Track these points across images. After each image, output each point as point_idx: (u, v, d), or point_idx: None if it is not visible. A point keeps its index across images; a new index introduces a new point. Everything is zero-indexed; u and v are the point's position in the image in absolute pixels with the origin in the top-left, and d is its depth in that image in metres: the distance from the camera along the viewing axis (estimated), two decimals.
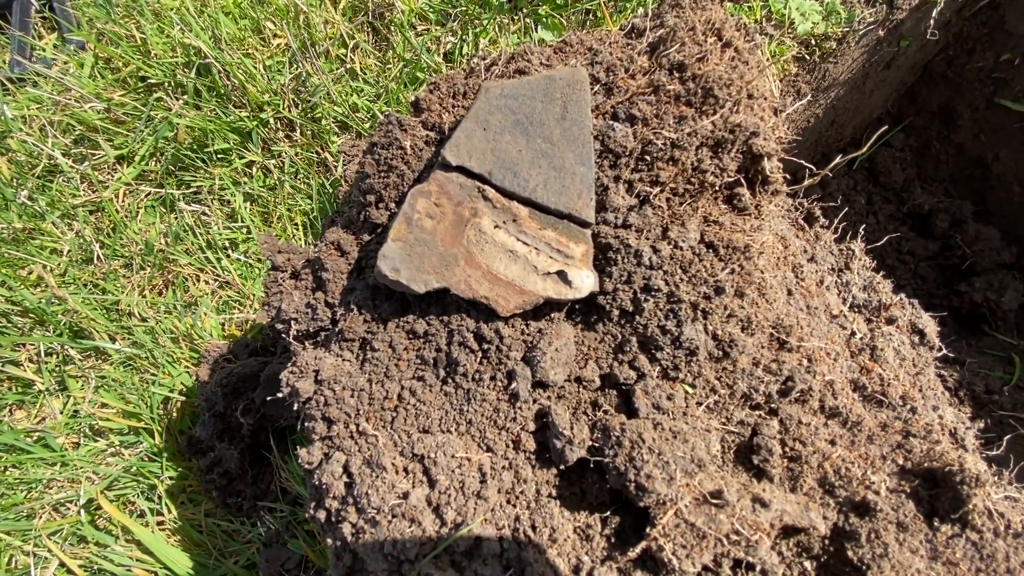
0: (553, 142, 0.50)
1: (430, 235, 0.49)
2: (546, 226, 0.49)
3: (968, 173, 1.37)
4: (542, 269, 0.48)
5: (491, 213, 0.48)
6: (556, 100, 0.50)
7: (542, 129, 0.50)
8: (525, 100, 0.51)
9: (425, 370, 0.55)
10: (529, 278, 0.49)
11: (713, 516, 0.49)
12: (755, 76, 0.57)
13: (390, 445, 0.54)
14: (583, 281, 0.49)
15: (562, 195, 0.49)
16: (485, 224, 0.48)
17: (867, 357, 0.66)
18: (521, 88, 0.51)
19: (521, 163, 0.50)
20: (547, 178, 0.49)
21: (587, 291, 0.50)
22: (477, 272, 0.48)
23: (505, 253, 0.48)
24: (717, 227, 0.56)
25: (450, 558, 0.50)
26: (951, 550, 0.52)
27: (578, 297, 0.50)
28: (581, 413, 0.55)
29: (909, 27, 1.17)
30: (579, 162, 0.49)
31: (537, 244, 0.48)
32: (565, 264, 0.49)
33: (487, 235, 0.48)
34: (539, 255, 0.48)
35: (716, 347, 0.56)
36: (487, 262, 0.48)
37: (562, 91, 0.50)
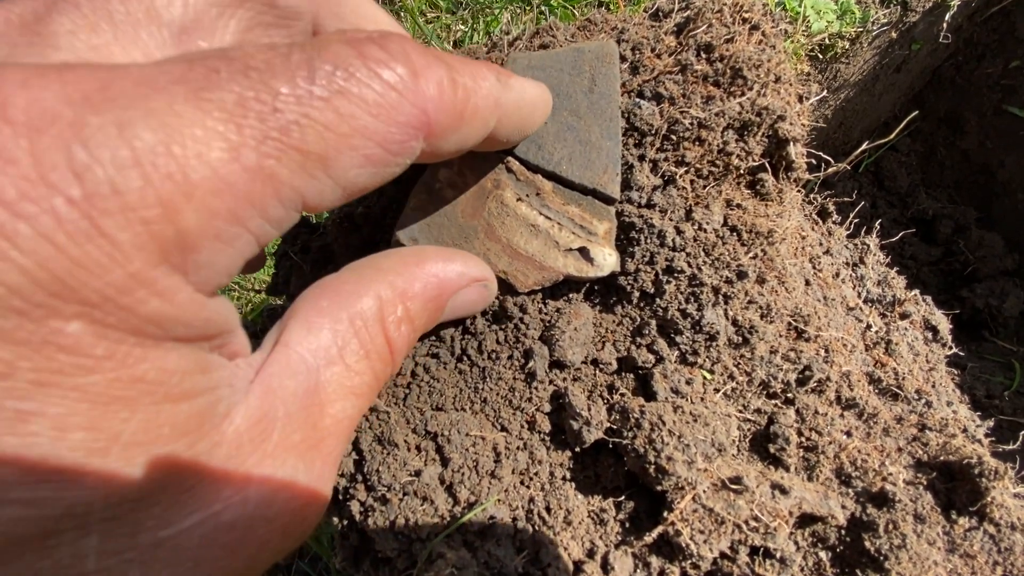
0: (580, 115, 0.48)
1: (451, 206, 0.47)
2: (569, 201, 0.47)
3: (973, 179, 1.38)
4: (564, 245, 0.46)
5: (514, 185, 0.46)
6: (584, 73, 0.49)
7: (569, 102, 0.48)
8: (552, 72, 0.49)
9: (440, 347, 0.54)
10: (550, 254, 0.47)
11: (732, 502, 0.49)
12: (782, 60, 0.56)
13: (402, 422, 0.52)
14: (605, 259, 0.46)
15: (587, 169, 0.47)
16: (507, 196, 0.46)
17: (882, 351, 0.66)
18: (548, 60, 0.50)
19: (546, 136, 0.48)
20: (572, 152, 0.47)
21: (608, 270, 0.48)
22: (497, 246, 0.46)
23: (527, 227, 0.46)
24: (740, 211, 0.56)
25: (462, 538, 0.49)
26: (968, 542, 0.51)
27: (599, 276, 0.47)
28: (597, 395, 0.54)
29: (921, 30, 1.17)
30: (605, 136, 0.47)
31: (560, 219, 0.46)
32: (588, 241, 0.46)
33: (509, 208, 0.46)
34: (561, 230, 0.46)
35: (736, 333, 0.55)
36: (507, 235, 0.46)
37: (590, 64, 0.49)
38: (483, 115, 0.32)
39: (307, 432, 0.28)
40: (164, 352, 0.22)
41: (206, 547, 0.24)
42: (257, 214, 0.23)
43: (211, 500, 0.24)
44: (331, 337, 0.30)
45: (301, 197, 0.24)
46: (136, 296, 0.20)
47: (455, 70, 0.29)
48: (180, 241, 0.21)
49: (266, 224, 0.24)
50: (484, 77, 0.31)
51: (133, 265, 0.20)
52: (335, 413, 0.29)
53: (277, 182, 0.23)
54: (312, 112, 0.23)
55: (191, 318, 0.23)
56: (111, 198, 0.19)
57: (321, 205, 0.26)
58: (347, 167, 0.25)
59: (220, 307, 0.25)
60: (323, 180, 0.25)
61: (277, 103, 0.23)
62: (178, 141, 0.20)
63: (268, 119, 0.22)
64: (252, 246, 0.24)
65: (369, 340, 0.31)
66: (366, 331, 0.31)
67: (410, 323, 0.33)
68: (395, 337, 0.32)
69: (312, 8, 0.35)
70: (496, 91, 0.32)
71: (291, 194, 0.24)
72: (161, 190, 0.20)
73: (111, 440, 0.21)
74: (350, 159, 0.25)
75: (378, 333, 0.31)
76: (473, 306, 0.43)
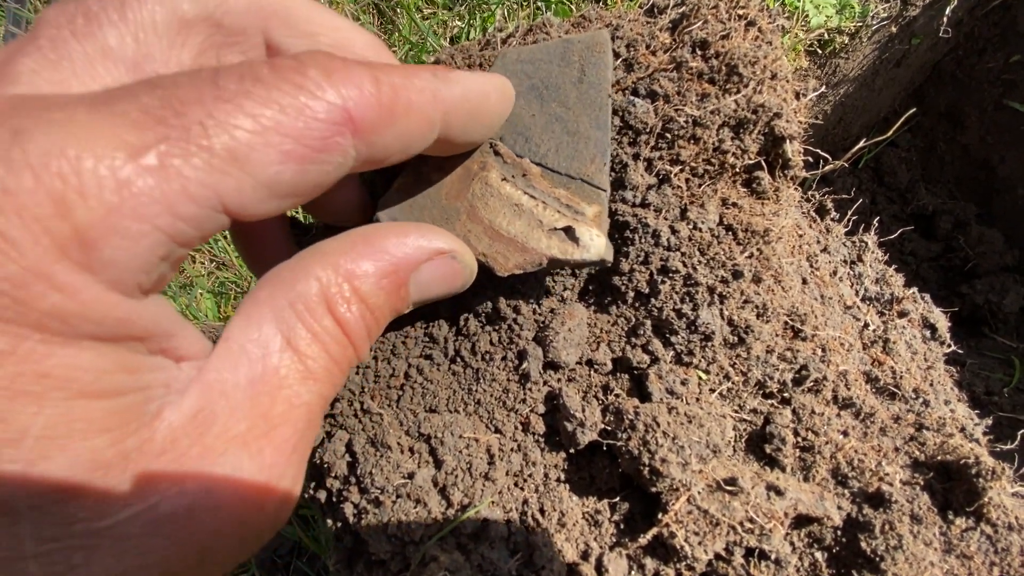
0: (568, 106, 0.46)
1: (435, 187, 0.45)
2: (558, 185, 0.45)
3: (973, 175, 1.37)
4: (548, 224, 0.43)
5: (500, 167, 0.44)
6: (574, 64, 0.47)
7: (557, 93, 0.47)
8: (542, 64, 0.48)
9: (433, 348, 0.53)
10: (533, 235, 0.44)
11: (727, 503, 0.48)
12: (779, 56, 0.56)
13: (395, 424, 0.52)
14: (591, 240, 0.42)
15: (574, 160, 0.45)
16: (492, 177, 0.44)
17: (880, 349, 0.65)
18: (538, 53, 0.48)
19: (534, 128, 0.46)
20: (559, 143, 0.45)
21: (596, 253, 0.43)
22: (478, 227, 0.44)
23: (510, 207, 0.44)
24: (736, 210, 0.55)
25: (456, 540, 0.49)
26: (965, 543, 0.51)
27: (586, 259, 0.42)
28: (592, 396, 0.54)
29: (922, 24, 1.16)
30: (594, 126, 0.46)
31: (546, 199, 0.44)
32: (574, 220, 0.43)
33: (493, 188, 0.44)
34: (546, 209, 0.43)
35: (731, 333, 0.55)
36: (490, 216, 0.44)
37: (580, 54, 0.47)
38: (421, 110, 0.31)
39: (253, 422, 0.27)
40: (77, 350, 0.23)
41: (149, 536, 0.25)
42: (164, 211, 0.23)
43: (147, 493, 0.25)
44: (274, 325, 0.29)
45: (216, 195, 0.25)
46: (33, 291, 0.21)
47: (380, 70, 0.29)
48: (78, 237, 0.21)
49: (179, 222, 0.24)
50: (416, 75, 0.32)
51: (27, 259, 0.20)
52: (288, 398, 0.29)
53: (183, 179, 0.23)
54: (217, 112, 0.24)
55: (101, 316, 0.23)
56: (2, 197, 0.20)
57: (250, 205, 0.26)
58: (264, 164, 0.25)
59: (148, 308, 0.25)
60: (239, 177, 0.25)
61: (181, 108, 0.24)
62: (74, 145, 0.21)
63: (171, 122, 0.23)
64: (166, 244, 0.24)
65: (315, 323, 0.30)
66: (310, 315, 0.30)
67: (362, 303, 0.31)
68: (347, 319, 0.31)
69: (260, 23, 0.35)
70: (433, 85, 0.32)
71: (202, 191, 0.24)
72: (52, 189, 0.21)
73: (21, 432, 0.21)
74: (265, 156, 0.25)
75: (324, 315, 0.30)
76: (446, 282, 0.39)
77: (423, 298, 0.37)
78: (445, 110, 0.33)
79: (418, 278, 0.35)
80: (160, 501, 0.25)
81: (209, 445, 0.26)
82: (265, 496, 0.28)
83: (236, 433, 0.27)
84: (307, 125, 0.26)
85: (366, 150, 0.29)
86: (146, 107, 0.23)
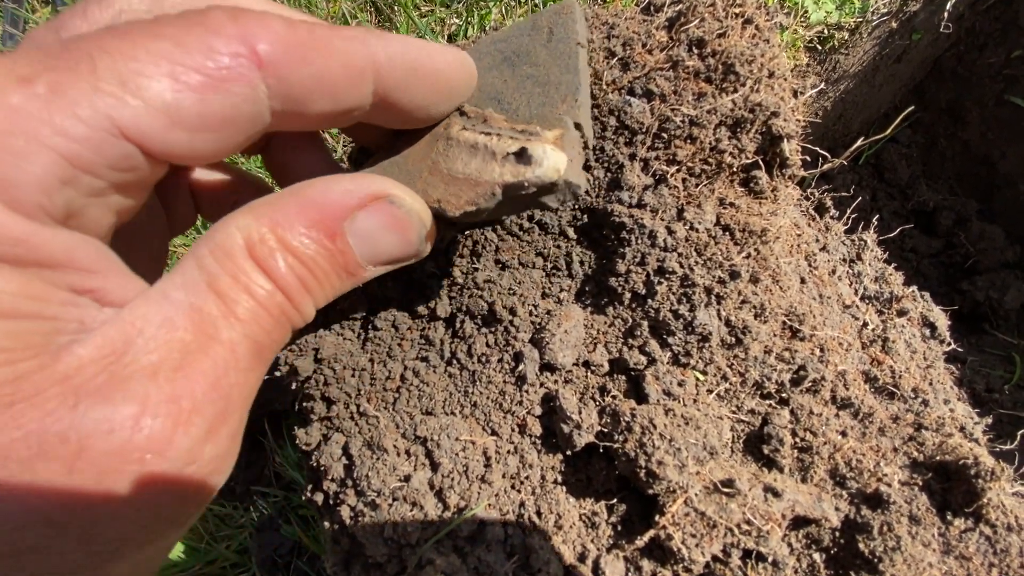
0: (539, 64, 0.45)
1: (402, 156, 0.43)
2: (519, 123, 0.42)
3: (974, 171, 1.37)
4: (500, 152, 0.40)
5: (462, 121, 0.42)
6: (542, 29, 0.46)
7: (528, 57, 0.45)
8: (513, 39, 0.47)
9: (429, 350, 0.53)
10: (486, 168, 0.40)
11: (724, 505, 0.48)
12: (776, 54, 0.55)
13: (392, 427, 0.52)
14: (544, 154, 0.37)
15: (544, 105, 0.43)
16: (454, 131, 0.42)
17: (879, 349, 0.65)
18: (509, 31, 0.48)
19: (506, 91, 0.44)
20: (531, 95, 0.43)
21: (551, 168, 0.37)
22: (435, 178, 0.42)
23: (467, 150, 0.41)
24: (733, 210, 0.55)
25: (452, 543, 0.48)
26: (964, 544, 0.51)
27: (541, 177, 0.37)
28: (589, 398, 0.54)
29: (922, 19, 1.15)
30: (564, 71, 0.44)
31: (501, 131, 0.41)
32: (528, 141, 0.39)
33: (453, 139, 0.42)
34: (500, 139, 0.40)
35: (729, 333, 0.55)
36: (448, 166, 0.41)
37: (548, 20, 0.47)
38: (345, 54, 0.31)
39: (167, 354, 0.27)
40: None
41: (42, 459, 0.24)
42: (53, 132, 0.24)
43: (39, 415, 0.24)
44: (196, 272, 0.29)
45: (108, 118, 0.25)
46: None
47: (300, 20, 0.30)
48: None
49: (71, 143, 0.25)
50: (347, 28, 0.32)
51: None
52: (207, 333, 0.28)
53: (71, 103, 0.25)
54: (107, 46, 0.25)
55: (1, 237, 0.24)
56: None
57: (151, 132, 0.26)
58: (158, 91, 0.26)
59: (60, 237, 0.26)
60: (132, 103, 0.26)
61: (71, 44, 0.25)
62: None
63: (59, 56, 0.25)
64: (62, 165, 0.25)
65: (239, 270, 0.29)
66: (230, 260, 0.29)
67: (288, 252, 0.30)
68: (272, 265, 0.30)
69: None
70: (363, 36, 0.32)
71: (91, 113, 0.25)
72: None
73: None
74: (159, 83, 0.26)
75: (246, 260, 0.29)
76: (393, 233, 0.35)
77: (376, 254, 0.35)
78: (378, 62, 0.33)
79: (356, 228, 0.33)
80: (52, 423, 0.24)
81: (115, 373, 0.26)
82: (175, 427, 0.26)
83: (146, 363, 0.26)
84: (206, 56, 0.27)
85: (278, 86, 0.29)
86: (47, 49, 0.25)
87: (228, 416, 0.29)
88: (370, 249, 0.34)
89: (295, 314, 0.31)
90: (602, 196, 0.53)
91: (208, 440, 0.28)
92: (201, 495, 0.29)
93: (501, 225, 0.55)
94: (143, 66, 0.26)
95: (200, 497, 0.29)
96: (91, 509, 0.25)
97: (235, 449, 0.30)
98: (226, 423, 0.28)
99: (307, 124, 0.34)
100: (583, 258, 0.55)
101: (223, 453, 0.29)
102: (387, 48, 0.33)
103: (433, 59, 0.36)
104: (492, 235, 0.54)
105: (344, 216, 0.32)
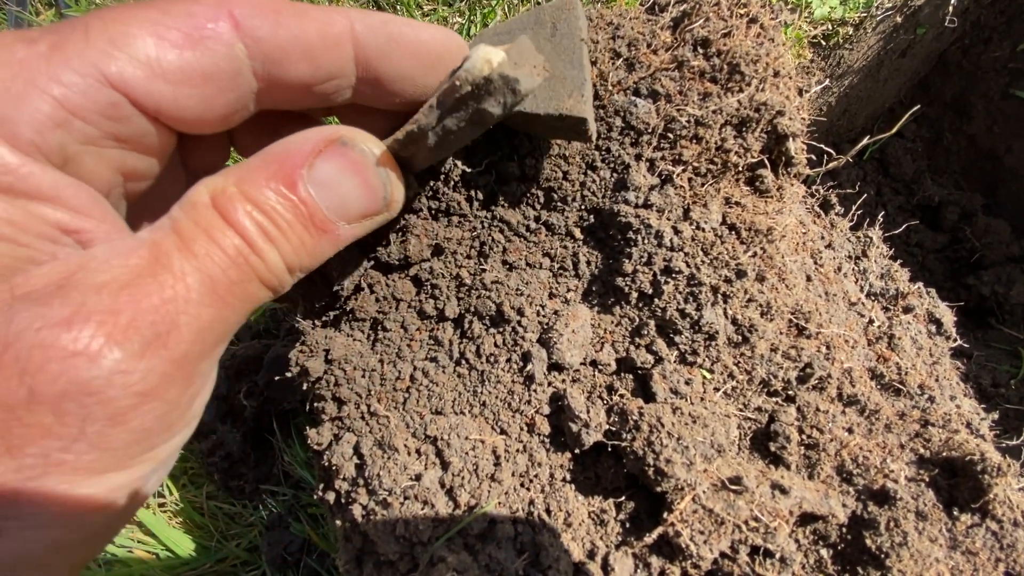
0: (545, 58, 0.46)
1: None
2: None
3: (980, 165, 1.36)
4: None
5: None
6: (546, 23, 0.47)
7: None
8: (516, 33, 0.48)
9: (438, 351, 0.54)
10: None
11: (732, 502, 0.49)
12: (781, 53, 0.55)
13: (402, 426, 0.52)
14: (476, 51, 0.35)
15: (552, 100, 0.45)
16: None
17: (885, 345, 0.65)
18: (511, 24, 0.49)
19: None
20: (538, 90, 0.45)
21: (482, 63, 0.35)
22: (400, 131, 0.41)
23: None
24: (739, 208, 0.55)
25: (463, 541, 0.49)
26: (970, 539, 0.51)
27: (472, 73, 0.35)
28: (596, 397, 0.54)
29: (927, 14, 1.15)
30: (569, 66, 0.45)
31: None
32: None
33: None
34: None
35: (735, 332, 0.55)
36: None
37: (551, 14, 0.48)
38: (321, 18, 0.33)
39: (116, 274, 0.28)
40: None
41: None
42: (47, 78, 0.28)
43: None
44: (166, 221, 0.31)
45: (95, 67, 0.29)
46: None
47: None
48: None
49: (62, 87, 0.28)
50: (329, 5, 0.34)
51: None
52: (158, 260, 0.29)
53: (65, 56, 0.28)
54: (101, 14, 0.29)
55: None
56: None
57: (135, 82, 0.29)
58: (141, 46, 0.30)
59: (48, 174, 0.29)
60: (118, 56, 0.29)
61: (72, 19, 0.30)
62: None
63: (62, 25, 0.29)
64: (54, 107, 0.28)
65: (202, 218, 0.30)
66: (197, 211, 0.30)
67: (248, 200, 0.31)
68: (229, 209, 0.30)
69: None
70: (342, 9, 0.35)
71: (81, 63, 0.28)
72: None
73: None
74: (143, 41, 0.30)
75: (209, 211, 0.30)
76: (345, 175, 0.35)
77: (343, 205, 0.34)
78: (356, 31, 0.34)
79: (316, 176, 0.33)
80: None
81: (61, 286, 0.27)
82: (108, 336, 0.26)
83: (94, 281, 0.27)
84: (186, 19, 0.30)
85: (255, 46, 0.32)
86: (55, 24, 0.29)
87: (170, 340, 0.28)
88: (334, 198, 0.34)
89: (256, 260, 0.31)
90: (608, 196, 0.54)
91: (143, 357, 0.27)
92: (133, 417, 0.27)
93: (508, 226, 0.55)
94: (130, 28, 0.29)
95: (132, 419, 0.28)
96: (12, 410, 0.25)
97: (183, 380, 0.29)
98: (167, 347, 0.28)
99: (295, 97, 0.36)
100: (590, 258, 0.55)
101: (161, 377, 0.28)
102: (365, 19, 0.35)
103: (414, 29, 0.37)
104: (499, 236, 0.54)
105: (301, 164, 0.33)
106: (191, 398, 0.31)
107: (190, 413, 0.32)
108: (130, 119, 0.31)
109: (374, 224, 0.38)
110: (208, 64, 0.31)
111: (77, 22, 0.29)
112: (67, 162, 0.30)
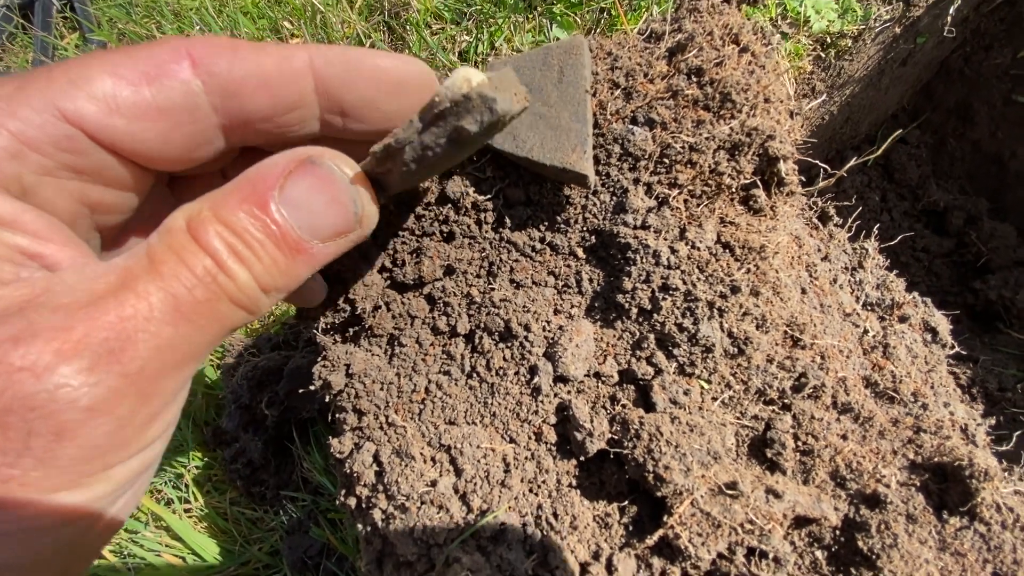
0: (550, 104, 0.51)
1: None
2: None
3: (984, 170, 1.37)
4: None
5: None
6: (553, 67, 0.51)
7: (540, 94, 0.51)
8: (524, 71, 0.52)
9: (451, 365, 0.58)
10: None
11: (728, 506, 0.52)
12: (771, 80, 0.58)
13: (418, 436, 0.56)
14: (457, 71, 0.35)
15: (557, 151, 0.49)
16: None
17: (879, 354, 0.68)
18: (520, 61, 0.53)
19: (520, 126, 0.50)
20: (544, 137, 0.49)
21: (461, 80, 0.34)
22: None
23: None
24: (733, 227, 0.58)
25: (476, 543, 0.53)
26: (959, 541, 0.53)
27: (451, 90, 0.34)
28: (600, 407, 0.58)
29: (926, 23, 1.17)
30: (575, 119, 0.50)
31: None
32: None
33: None
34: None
35: (731, 344, 0.58)
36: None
37: (559, 58, 0.52)
38: (279, 55, 0.35)
39: (78, 296, 0.28)
40: None
41: None
42: (7, 117, 0.30)
43: None
44: (141, 247, 0.31)
45: (53, 104, 0.31)
46: None
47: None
48: None
49: (19, 122, 0.30)
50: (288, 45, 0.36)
51: None
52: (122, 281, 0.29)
53: (26, 95, 0.31)
54: (67, 61, 0.32)
55: None
56: None
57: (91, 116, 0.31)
58: (99, 85, 0.31)
59: (8, 203, 0.30)
60: (76, 94, 0.31)
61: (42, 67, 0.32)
62: None
63: (30, 72, 0.31)
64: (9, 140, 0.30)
65: (175, 241, 0.30)
66: (171, 236, 0.31)
67: (220, 223, 0.31)
68: (200, 231, 0.31)
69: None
70: (303, 45, 0.36)
71: (40, 100, 0.31)
72: None
73: None
74: (102, 81, 0.32)
75: (182, 234, 0.31)
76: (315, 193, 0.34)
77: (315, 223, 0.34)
78: (316, 64, 0.35)
79: (287, 196, 0.33)
80: None
81: (21, 307, 0.27)
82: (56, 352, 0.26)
83: (55, 303, 0.27)
84: (146, 60, 0.32)
85: (212, 80, 0.33)
86: (29, 70, 0.33)
87: (124, 356, 0.27)
88: (306, 217, 0.34)
89: (225, 280, 0.31)
90: (608, 218, 0.57)
91: (92, 372, 0.26)
92: (80, 432, 0.27)
93: (515, 247, 0.59)
94: (90, 71, 0.31)
95: (79, 435, 0.27)
96: None
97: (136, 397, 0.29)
98: (119, 362, 0.27)
99: (263, 130, 0.37)
100: (592, 276, 0.58)
101: (109, 391, 0.27)
102: (325, 52, 0.36)
103: (372, 57, 0.38)
104: (507, 257, 0.58)
105: (273, 185, 0.33)
106: (149, 417, 0.30)
107: (148, 433, 0.31)
108: (88, 152, 0.32)
109: (349, 243, 0.37)
110: (163, 99, 0.32)
111: (44, 68, 0.32)
112: (26, 192, 0.31)
